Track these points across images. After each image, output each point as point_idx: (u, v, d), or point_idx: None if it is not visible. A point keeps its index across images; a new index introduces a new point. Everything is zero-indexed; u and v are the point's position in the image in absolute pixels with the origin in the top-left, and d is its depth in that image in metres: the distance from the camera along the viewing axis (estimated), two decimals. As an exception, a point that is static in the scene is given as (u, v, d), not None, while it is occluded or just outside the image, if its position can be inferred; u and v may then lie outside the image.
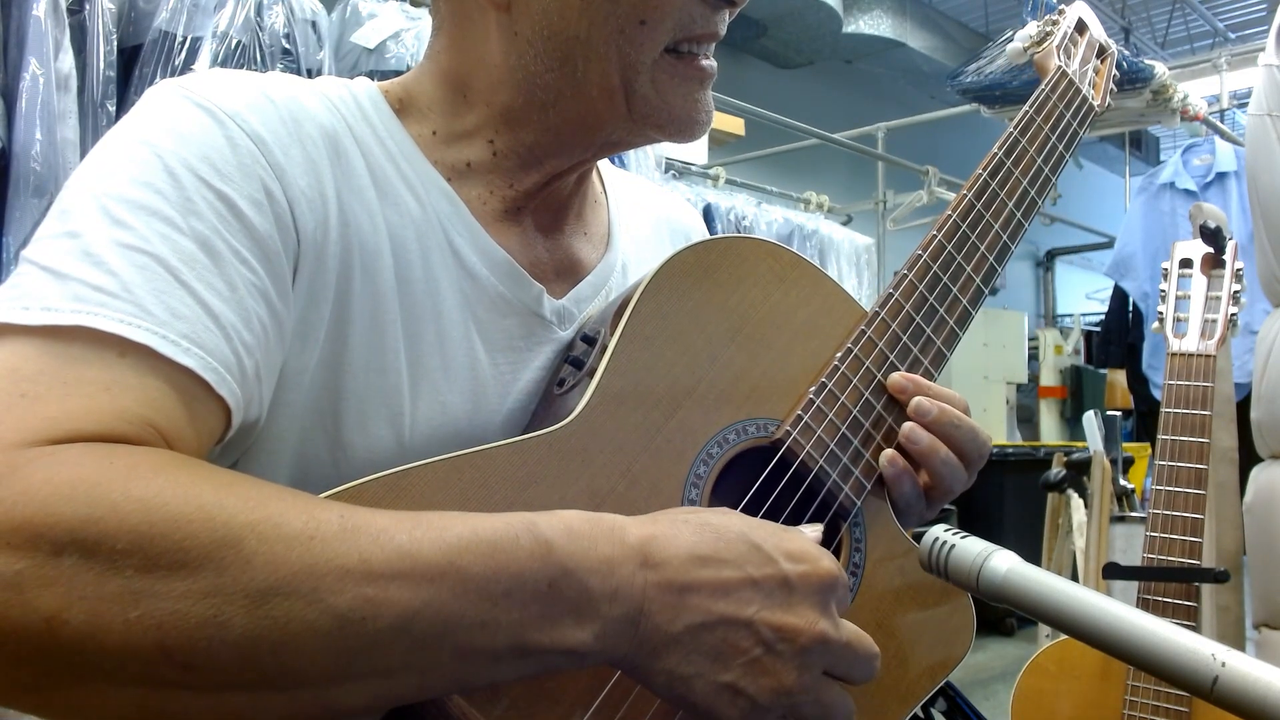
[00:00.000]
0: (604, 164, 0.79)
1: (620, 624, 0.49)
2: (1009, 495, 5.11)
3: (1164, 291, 1.40)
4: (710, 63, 0.67)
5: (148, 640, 0.41)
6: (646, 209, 0.85)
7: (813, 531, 0.59)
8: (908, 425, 0.68)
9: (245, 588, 0.42)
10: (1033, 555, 1.52)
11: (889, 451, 0.68)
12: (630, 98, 0.64)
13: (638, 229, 0.82)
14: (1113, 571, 1.35)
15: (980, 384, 6.21)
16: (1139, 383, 4.06)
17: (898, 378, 0.69)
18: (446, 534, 0.46)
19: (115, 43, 2.04)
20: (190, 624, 0.41)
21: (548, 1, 0.62)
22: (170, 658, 0.41)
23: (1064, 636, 1.16)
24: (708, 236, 0.89)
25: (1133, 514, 2.35)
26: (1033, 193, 0.79)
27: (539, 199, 0.71)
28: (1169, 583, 1.27)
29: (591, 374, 0.61)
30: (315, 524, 0.44)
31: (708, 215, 3.85)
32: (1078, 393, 7.04)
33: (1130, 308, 4.05)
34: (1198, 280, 1.38)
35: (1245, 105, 1.94)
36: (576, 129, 0.66)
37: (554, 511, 0.50)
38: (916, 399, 0.68)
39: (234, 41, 2.15)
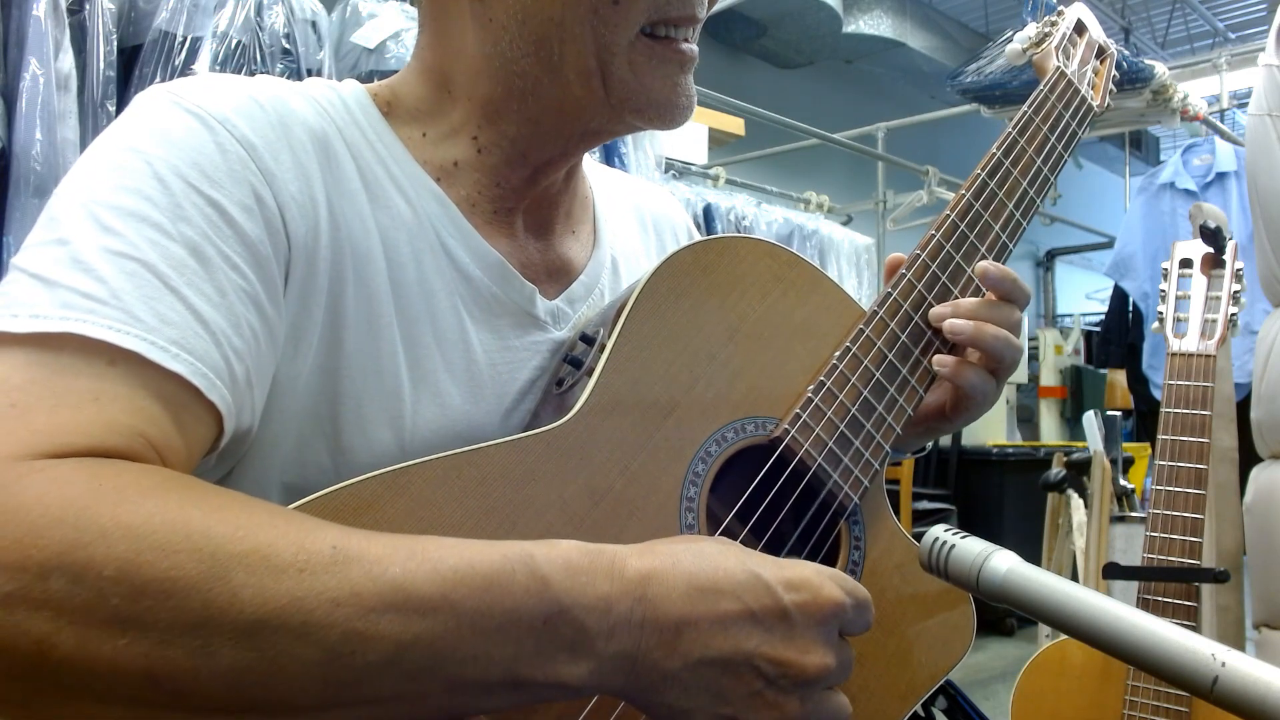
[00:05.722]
0: (586, 160, 0.79)
1: (616, 660, 0.48)
2: (1009, 495, 5.11)
3: (1164, 291, 1.40)
4: (690, 47, 0.66)
5: (135, 667, 0.41)
6: (627, 201, 0.85)
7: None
8: (950, 323, 0.71)
9: (233, 620, 0.42)
10: (1033, 555, 1.52)
11: (939, 357, 0.71)
12: (608, 81, 0.64)
13: (622, 222, 0.82)
14: (1113, 571, 1.35)
15: (980, 384, 6.18)
16: (1139, 383, 4.06)
17: (940, 308, 0.72)
18: (441, 566, 0.46)
19: (115, 43, 2.04)
20: (178, 654, 0.41)
21: None
22: (157, 685, 0.41)
23: (1064, 636, 1.16)
24: (689, 223, 0.89)
25: (1133, 514, 2.35)
26: (1031, 193, 0.79)
27: (528, 199, 0.71)
28: (1169, 583, 1.27)
29: (590, 373, 0.61)
30: (306, 555, 0.44)
31: (708, 215, 3.85)
32: (1078, 393, 7.03)
33: (1130, 308, 4.05)
34: (1198, 280, 1.38)
35: (1245, 105, 1.94)
36: (556, 117, 0.66)
37: (552, 543, 0.49)
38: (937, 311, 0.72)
39: (234, 41, 2.15)
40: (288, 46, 2.27)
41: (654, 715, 0.50)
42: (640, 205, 0.86)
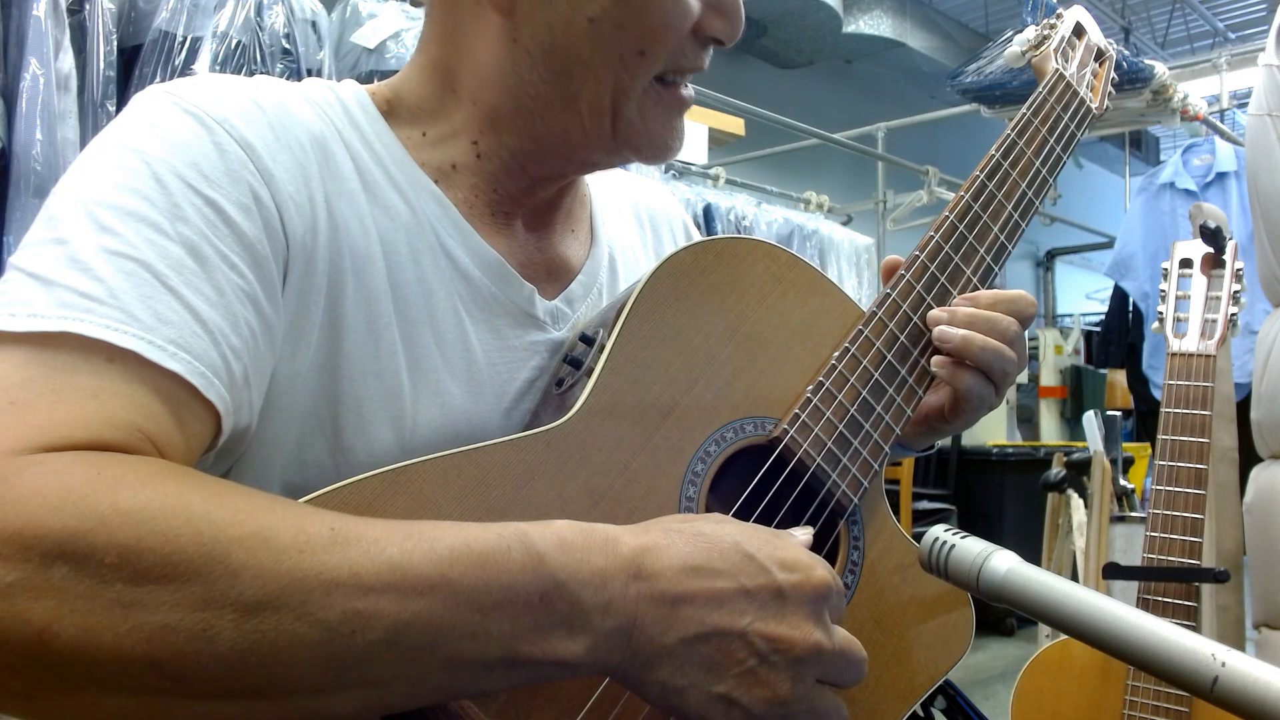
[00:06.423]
0: None
1: (612, 636, 0.49)
2: (1009, 495, 5.11)
3: (1164, 291, 1.40)
4: (689, 92, 0.69)
5: (138, 653, 0.41)
6: (624, 199, 0.85)
7: (804, 534, 0.59)
8: (939, 329, 0.71)
9: (234, 602, 0.42)
10: (1033, 555, 1.52)
11: (937, 358, 0.72)
12: (616, 120, 0.66)
13: (619, 219, 0.82)
14: (1113, 571, 1.35)
15: (980, 384, 6.18)
16: (1139, 383, 4.06)
17: (937, 312, 0.73)
18: (438, 545, 0.46)
19: (115, 43, 2.04)
20: (179, 638, 0.41)
21: (554, 17, 0.63)
22: (160, 669, 0.41)
23: (1064, 636, 1.16)
24: (686, 218, 0.90)
25: (1133, 514, 2.35)
26: (1030, 194, 0.79)
27: (527, 205, 0.71)
28: (1169, 583, 1.27)
29: (589, 373, 0.61)
30: (305, 536, 0.44)
31: (708, 215, 3.85)
32: (1078, 393, 7.03)
33: (1130, 308, 4.05)
34: (1198, 280, 1.38)
35: (1245, 105, 1.94)
36: (559, 141, 0.67)
37: (547, 522, 0.50)
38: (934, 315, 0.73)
39: (234, 41, 2.15)
40: (288, 46, 2.27)
41: (649, 695, 0.51)
42: (637, 202, 0.86)
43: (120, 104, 2.03)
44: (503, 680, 0.48)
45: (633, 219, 0.84)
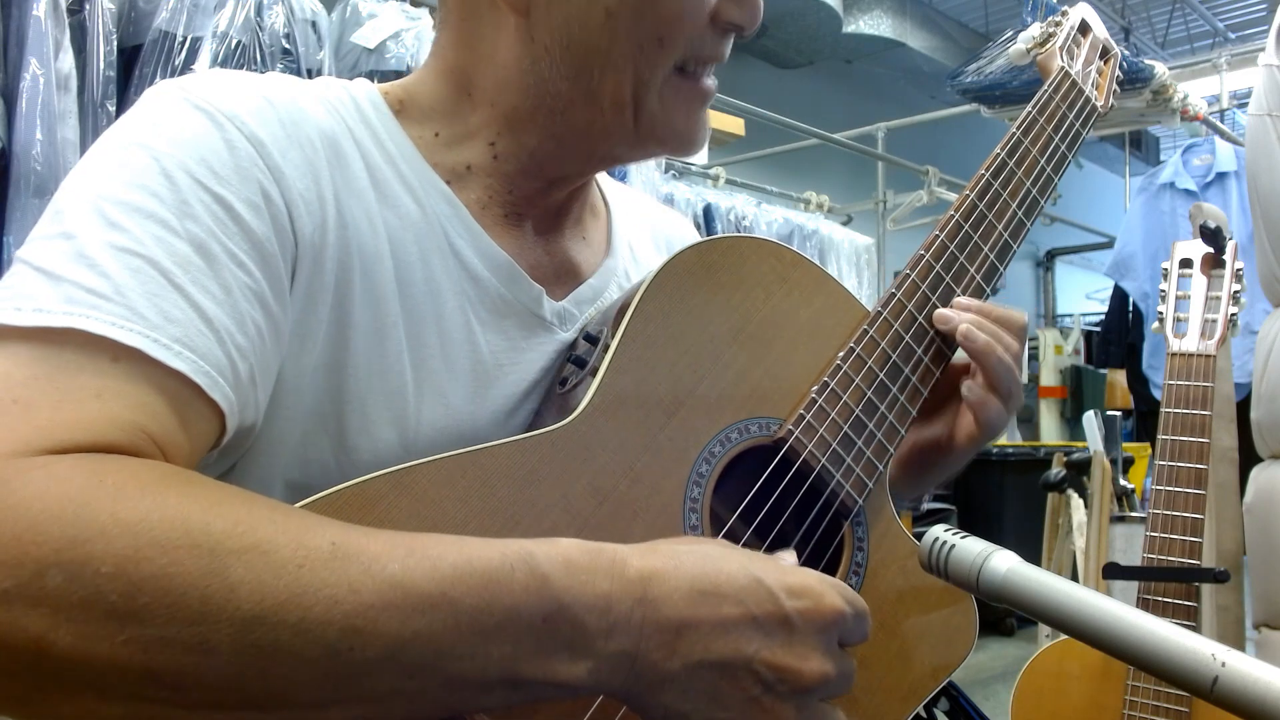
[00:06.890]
0: (602, 175, 0.79)
1: (616, 660, 0.48)
2: (1009, 495, 5.11)
3: (1164, 291, 1.40)
4: (712, 82, 0.69)
5: (134, 664, 0.41)
6: (644, 220, 0.85)
7: (789, 556, 0.59)
8: (964, 327, 0.71)
9: (231, 617, 0.42)
10: (1033, 555, 1.52)
11: (968, 382, 0.72)
12: (638, 113, 0.65)
13: (637, 239, 0.82)
14: (1113, 571, 1.35)
15: (980, 384, 6.18)
16: (1139, 383, 4.06)
17: (944, 311, 0.73)
18: (440, 563, 0.46)
19: (115, 43, 2.04)
20: (176, 650, 0.41)
21: (570, 11, 0.63)
22: (157, 680, 0.41)
23: (1064, 636, 1.16)
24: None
25: (1133, 514, 2.35)
26: (1035, 192, 0.79)
27: (540, 207, 0.71)
28: (1169, 583, 1.27)
29: (594, 373, 0.61)
30: (305, 551, 0.44)
31: (708, 215, 3.85)
32: (1078, 393, 7.04)
33: (1130, 308, 4.05)
34: (1198, 280, 1.38)
35: (1245, 105, 1.94)
36: (581, 139, 0.67)
37: (553, 540, 0.49)
38: (940, 313, 0.73)
39: (234, 41, 2.15)
40: (288, 46, 2.27)
41: (651, 717, 0.50)
42: (655, 225, 0.87)
43: (120, 104, 2.03)
44: (502, 699, 0.47)
45: (650, 239, 0.85)
